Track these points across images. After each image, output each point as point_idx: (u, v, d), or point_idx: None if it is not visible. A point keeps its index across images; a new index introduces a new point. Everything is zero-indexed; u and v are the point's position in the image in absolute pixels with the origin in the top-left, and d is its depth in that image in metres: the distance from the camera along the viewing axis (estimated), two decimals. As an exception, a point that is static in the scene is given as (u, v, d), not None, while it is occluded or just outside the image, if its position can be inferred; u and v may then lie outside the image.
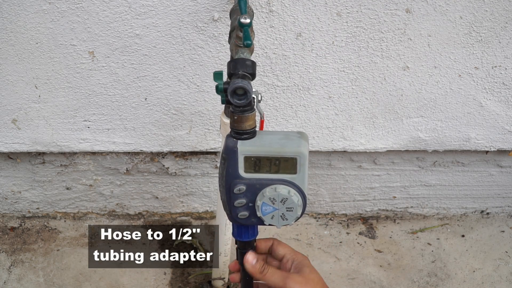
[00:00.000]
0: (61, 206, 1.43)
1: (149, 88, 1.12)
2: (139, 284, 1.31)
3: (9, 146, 1.22)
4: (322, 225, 1.48)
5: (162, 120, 1.18)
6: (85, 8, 0.99)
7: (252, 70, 0.68)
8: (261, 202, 0.69)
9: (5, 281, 1.30)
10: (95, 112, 1.16)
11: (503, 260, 1.42)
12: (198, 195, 1.42)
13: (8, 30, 1.02)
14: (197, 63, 1.08)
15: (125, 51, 1.06)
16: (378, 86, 1.15)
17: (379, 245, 1.44)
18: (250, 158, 0.68)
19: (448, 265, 1.40)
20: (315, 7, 1.01)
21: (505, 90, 1.18)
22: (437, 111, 1.21)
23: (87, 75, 1.10)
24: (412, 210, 1.50)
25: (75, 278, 1.31)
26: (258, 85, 1.12)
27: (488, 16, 1.05)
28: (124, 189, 1.39)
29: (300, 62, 1.09)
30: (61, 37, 1.04)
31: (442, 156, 1.36)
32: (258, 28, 1.03)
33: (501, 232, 1.50)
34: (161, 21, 1.02)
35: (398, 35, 1.07)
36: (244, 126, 0.67)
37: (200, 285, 1.32)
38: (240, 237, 0.77)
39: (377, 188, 1.44)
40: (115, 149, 1.24)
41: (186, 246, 1.40)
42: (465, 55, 1.11)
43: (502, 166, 1.40)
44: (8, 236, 1.40)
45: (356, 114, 1.20)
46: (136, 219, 1.45)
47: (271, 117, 1.19)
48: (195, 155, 1.31)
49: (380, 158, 1.35)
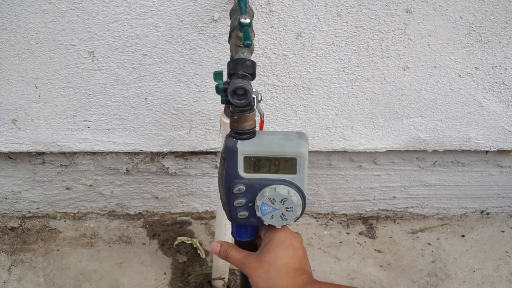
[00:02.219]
0: (61, 206, 1.43)
1: (149, 88, 1.12)
2: (139, 284, 1.31)
3: (9, 146, 1.22)
4: (322, 225, 1.48)
5: (162, 120, 1.18)
6: (85, 8, 0.99)
7: (252, 70, 0.69)
8: (261, 202, 0.69)
9: (5, 281, 1.30)
10: (95, 112, 1.16)
11: (503, 260, 1.42)
12: (198, 195, 1.42)
13: (8, 30, 1.02)
14: (197, 63, 1.08)
15: (125, 51, 1.06)
16: (378, 86, 1.15)
17: (379, 245, 1.44)
18: (250, 158, 0.68)
19: (448, 265, 1.40)
20: (315, 7, 1.01)
21: (505, 90, 1.18)
22: (437, 111, 1.21)
23: (87, 75, 1.10)
24: (412, 210, 1.50)
25: (75, 278, 1.31)
26: (258, 85, 1.12)
27: (488, 16, 1.06)
28: (124, 189, 1.39)
29: (300, 62, 1.09)
30: (61, 37, 1.04)
31: (442, 156, 1.36)
32: (258, 28, 1.03)
33: (501, 232, 1.50)
34: (161, 21, 1.02)
35: (398, 35, 1.07)
36: (244, 126, 0.67)
37: (200, 285, 1.32)
38: (239, 237, 0.77)
39: (377, 188, 1.44)
40: (115, 149, 1.24)
41: (186, 246, 1.40)
42: (465, 55, 1.11)
43: (502, 166, 1.40)
44: (8, 236, 1.40)
45: (356, 114, 1.20)
46: (136, 219, 1.45)
47: (271, 117, 1.19)
48: (195, 155, 1.31)
49: (380, 158, 1.35)
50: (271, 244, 0.69)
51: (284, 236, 0.70)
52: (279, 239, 0.70)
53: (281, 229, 0.71)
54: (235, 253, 0.73)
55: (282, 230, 0.71)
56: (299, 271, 0.68)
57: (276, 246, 0.69)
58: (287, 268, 0.67)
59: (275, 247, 0.69)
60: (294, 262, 0.68)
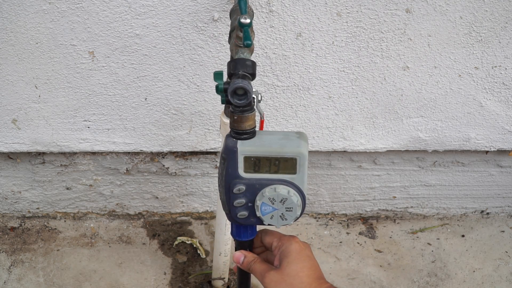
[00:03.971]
0: (61, 206, 1.43)
1: (149, 88, 1.12)
2: (139, 284, 1.31)
3: (9, 146, 1.22)
4: (322, 225, 1.48)
5: (162, 120, 1.18)
6: (85, 8, 0.99)
7: (252, 70, 0.69)
8: (261, 202, 0.69)
9: (5, 281, 1.30)
10: (95, 112, 1.16)
11: (503, 260, 1.42)
12: (198, 195, 1.42)
13: (8, 30, 1.02)
14: (197, 63, 1.08)
15: (125, 51, 1.06)
16: (378, 86, 1.15)
17: (379, 245, 1.44)
18: (250, 158, 0.68)
19: (448, 265, 1.40)
20: (315, 7, 1.01)
21: (505, 90, 1.18)
22: (437, 111, 1.21)
23: (87, 75, 1.10)
24: (412, 210, 1.50)
25: (75, 278, 1.31)
26: (258, 85, 1.12)
27: (488, 16, 1.06)
28: (124, 189, 1.39)
29: (300, 62, 1.09)
30: (61, 37, 1.04)
31: (442, 156, 1.36)
32: (258, 28, 1.03)
33: (501, 232, 1.50)
34: (161, 21, 1.02)
35: (398, 35, 1.07)
36: (244, 126, 0.67)
37: (200, 285, 1.32)
38: (239, 237, 0.77)
39: (377, 188, 1.44)
40: (115, 149, 1.24)
41: (186, 246, 1.40)
42: (465, 55, 1.11)
43: (502, 166, 1.40)
44: (8, 236, 1.40)
45: (356, 114, 1.20)
46: (136, 219, 1.45)
47: (271, 117, 1.19)
48: (195, 155, 1.31)
49: (380, 158, 1.35)
50: (288, 258, 0.70)
51: (299, 248, 0.71)
52: (295, 251, 0.71)
53: (293, 241, 0.72)
54: (258, 266, 0.74)
55: (295, 242, 0.72)
56: (320, 279, 0.70)
57: (294, 259, 0.70)
58: (310, 278, 0.69)
59: (294, 260, 0.70)
60: (314, 272, 0.70)
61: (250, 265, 0.75)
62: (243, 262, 0.76)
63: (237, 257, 0.76)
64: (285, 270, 0.69)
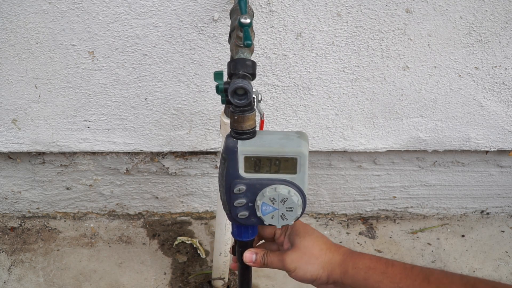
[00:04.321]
0: (61, 206, 1.43)
1: (149, 88, 1.12)
2: (139, 284, 1.31)
3: (9, 146, 1.22)
4: (322, 225, 1.48)
5: (162, 120, 1.18)
6: (85, 8, 0.99)
7: (252, 70, 0.69)
8: (261, 202, 0.69)
9: (5, 281, 1.30)
10: (95, 112, 1.16)
11: (503, 260, 1.42)
12: (198, 195, 1.42)
13: (8, 30, 1.02)
14: (197, 63, 1.08)
15: (125, 51, 1.06)
16: (378, 86, 1.15)
17: (379, 245, 1.44)
18: (250, 158, 0.68)
19: (448, 265, 1.40)
20: (315, 7, 1.01)
21: (505, 90, 1.18)
22: (437, 111, 1.21)
23: (87, 75, 1.10)
24: (412, 210, 1.50)
25: (75, 278, 1.31)
26: (258, 85, 1.12)
27: (488, 16, 1.06)
28: (124, 189, 1.39)
29: (300, 62, 1.09)
30: (61, 37, 1.04)
31: (442, 156, 1.36)
32: (258, 28, 1.03)
33: (501, 232, 1.50)
34: (161, 21, 1.02)
35: (398, 35, 1.07)
36: (244, 126, 0.67)
37: (200, 285, 1.32)
38: (239, 237, 0.77)
39: (377, 188, 1.44)
40: (115, 149, 1.24)
41: (186, 246, 1.40)
42: (465, 55, 1.11)
43: (502, 166, 1.40)
44: (8, 236, 1.40)
45: (356, 114, 1.20)
46: (136, 219, 1.45)
47: (271, 117, 1.19)
48: (195, 155, 1.31)
49: (380, 158, 1.35)
50: (299, 235, 0.73)
51: (303, 225, 0.74)
52: (303, 228, 0.73)
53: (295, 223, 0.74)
54: (272, 257, 0.75)
55: (299, 222, 0.74)
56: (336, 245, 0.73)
57: (306, 233, 0.73)
58: (327, 244, 0.72)
59: (305, 235, 0.72)
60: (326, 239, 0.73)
61: (264, 259, 0.75)
62: (256, 259, 0.76)
63: (249, 256, 0.76)
64: (301, 245, 0.72)
